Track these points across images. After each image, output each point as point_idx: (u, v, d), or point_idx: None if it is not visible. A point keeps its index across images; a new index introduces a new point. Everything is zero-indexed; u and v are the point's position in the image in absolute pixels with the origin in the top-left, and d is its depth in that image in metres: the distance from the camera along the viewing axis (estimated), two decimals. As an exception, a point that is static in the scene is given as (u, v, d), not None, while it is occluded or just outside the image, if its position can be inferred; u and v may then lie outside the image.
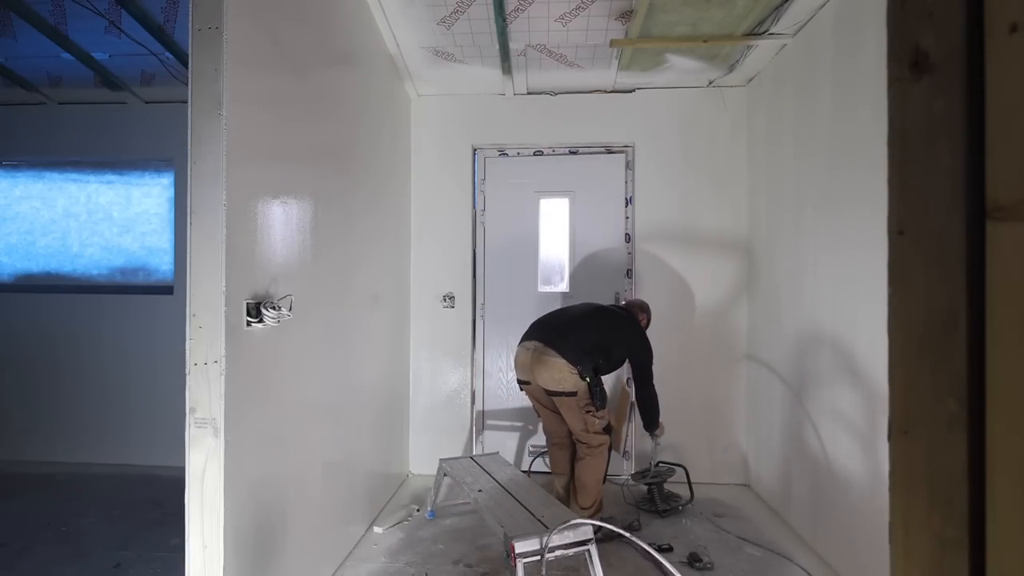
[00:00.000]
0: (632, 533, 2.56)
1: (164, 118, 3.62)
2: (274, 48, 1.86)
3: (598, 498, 2.73)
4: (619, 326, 2.81)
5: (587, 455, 2.68)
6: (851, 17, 2.30)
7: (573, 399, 2.59)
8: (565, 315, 2.86)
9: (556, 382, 2.57)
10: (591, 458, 2.68)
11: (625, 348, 2.77)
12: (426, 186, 3.66)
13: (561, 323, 2.77)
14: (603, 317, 2.82)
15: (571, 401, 2.60)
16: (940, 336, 0.48)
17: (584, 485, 2.70)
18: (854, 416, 2.27)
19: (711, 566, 2.43)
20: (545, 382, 2.60)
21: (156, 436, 3.62)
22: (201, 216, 1.56)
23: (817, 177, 2.57)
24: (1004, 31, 0.42)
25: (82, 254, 3.85)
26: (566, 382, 2.56)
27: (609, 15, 2.80)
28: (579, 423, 2.64)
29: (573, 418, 2.64)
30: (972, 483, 0.45)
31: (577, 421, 2.64)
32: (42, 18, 2.85)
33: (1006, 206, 0.42)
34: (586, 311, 2.85)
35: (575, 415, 2.63)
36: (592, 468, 2.69)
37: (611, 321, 2.82)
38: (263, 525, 1.78)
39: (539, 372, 2.61)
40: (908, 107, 0.52)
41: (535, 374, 2.63)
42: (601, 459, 2.69)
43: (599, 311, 2.86)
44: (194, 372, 1.56)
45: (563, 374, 2.56)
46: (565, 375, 2.56)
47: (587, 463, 2.69)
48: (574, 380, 2.56)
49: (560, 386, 2.57)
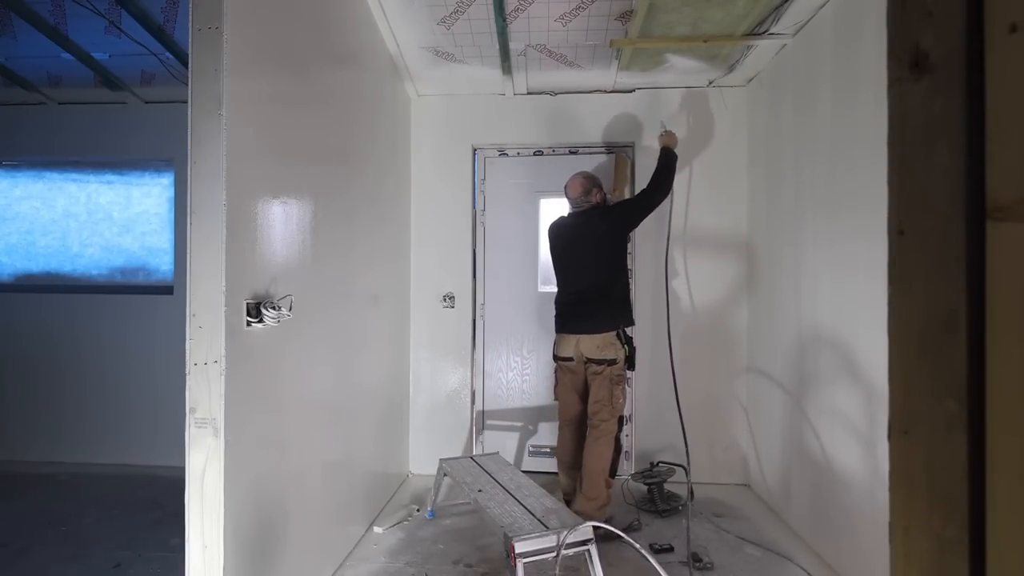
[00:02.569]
0: (632, 533, 2.59)
1: (164, 118, 3.62)
2: (274, 48, 1.86)
3: (606, 492, 2.74)
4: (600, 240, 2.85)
5: (596, 438, 2.74)
6: (851, 17, 2.30)
7: (612, 368, 2.76)
8: (580, 295, 2.89)
9: (600, 350, 2.77)
10: (596, 444, 2.73)
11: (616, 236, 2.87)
12: (426, 186, 3.66)
13: (582, 304, 2.86)
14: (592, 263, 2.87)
15: (609, 371, 2.76)
16: (940, 336, 0.48)
17: (590, 473, 2.72)
18: (854, 416, 2.27)
19: (711, 566, 2.43)
20: (590, 351, 2.79)
21: (156, 436, 3.62)
22: (201, 216, 1.56)
23: (817, 177, 2.57)
24: (1004, 31, 0.42)
25: (82, 254, 3.85)
26: (608, 350, 2.76)
27: (609, 15, 2.80)
28: (606, 392, 2.75)
29: (601, 388, 2.76)
30: (972, 483, 0.45)
31: (604, 391, 2.75)
32: (42, 18, 2.85)
33: (1006, 206, 0.42)
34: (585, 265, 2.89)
35: (605, 385, 2.76)
36: (598, 456, 2.72)
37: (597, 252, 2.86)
38: (263, 525, 1.78)
39: (585, 344, 2.81)
40: (908, 107, 0.52)
41: (580, 347, 2.83)
42: (608, 446, 2.75)
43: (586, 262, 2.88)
44: (194, 372, 1.56)
45: (608, 341, 2.77)
46: (610, 341, 2.77)
47: (593, 450, 2.73)
48: (616, 347, 2.77)
49: (603, 353, 2.77)
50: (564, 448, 2.96)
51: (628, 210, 2.92)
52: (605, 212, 2.92)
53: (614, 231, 2.87)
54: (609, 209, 2.94)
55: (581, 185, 2.94)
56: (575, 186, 2.95)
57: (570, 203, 3.00)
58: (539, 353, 3.66)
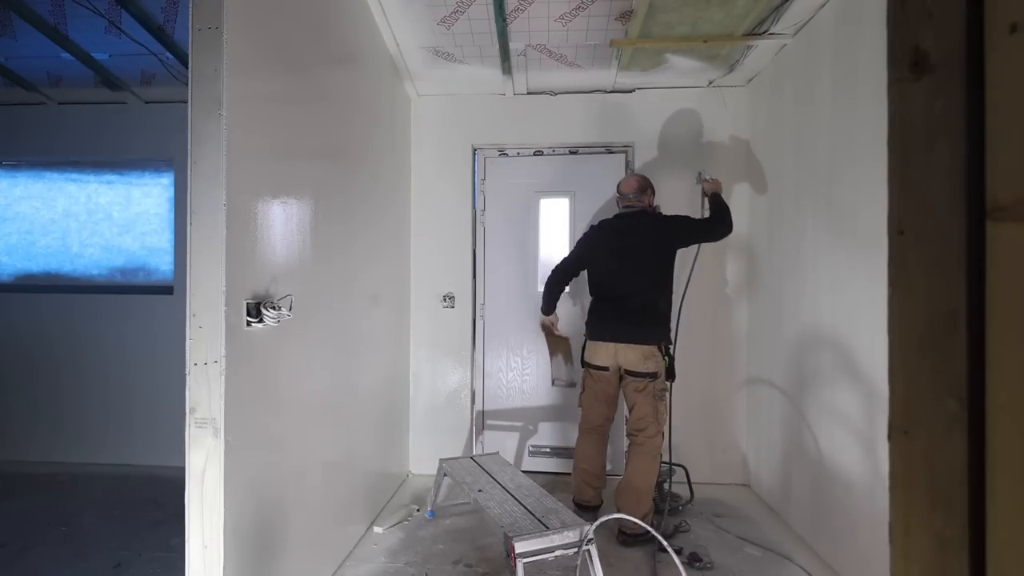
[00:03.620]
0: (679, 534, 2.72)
1: (164, 118, 3.62)
2: (274, 48, 1.86)
3: (650, 504, 2.67)
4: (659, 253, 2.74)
5: (641, 455, 2.65)
6: (851, 17, 2.30)
7: (655, 384, 2.67)
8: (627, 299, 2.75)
9: (641, 363, 2.67)
10: (643, 460, 2.63)
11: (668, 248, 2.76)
12: (426, 186, 3.66)
13: (628, 312, 2.72)
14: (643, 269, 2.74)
15: (652, 386, 2.66)
16: (940, 336, 0.48)
17: (637, 489, 2.62)
18: (854, 416, 2.27)
19: (711, 566, 2.43)
20: (631, 364, 2.69)
21: (156, 436, 3.62)
22: (201, 216, 1.56)
23: (817, 177, 2.57)
24: (1004, 31, 0.42)
25: (82, 254, 3.85)
26: (650, 363, 2.67)
27: (609, 15, 2.80)
28: (650, 408, 2.66)
29: (646, 404, 2.66)
30: (972, 483, 0.45)
31: (648, 406, 2.66)
32: (42, 18, 2.85)
33: (1006, 206, 0.42)
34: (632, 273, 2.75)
35: (649, 401, 2.66)
36: (643, 472, 2.63)
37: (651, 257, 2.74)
38: (263, 525, 1.78)
39: (624, 355, 2.70)
40: (908, 107, 0.52)
41: (619, 357, 2.72)
42: (655, 461, 2.65)
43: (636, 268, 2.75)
44: (194, 372, 1.56)
45: (650, 353, 2.67)
46: (652, 354, 2.68)
47: (639, 467, 2.64)
48: (658, 359, 2.68)
49: (646, 366, 2.67)
50: (585, 456, 2.85)
51: (687, 227, 2.77)
52: (661, 218, 2.81)
53: (669, 239, 2.75)
54: (666, 218, 2.82)
55: (637, 182, 2.85)
56: (630, 183, 2.87)
57: (621, 200, 2.89)
58: (539, 353, 3.66)
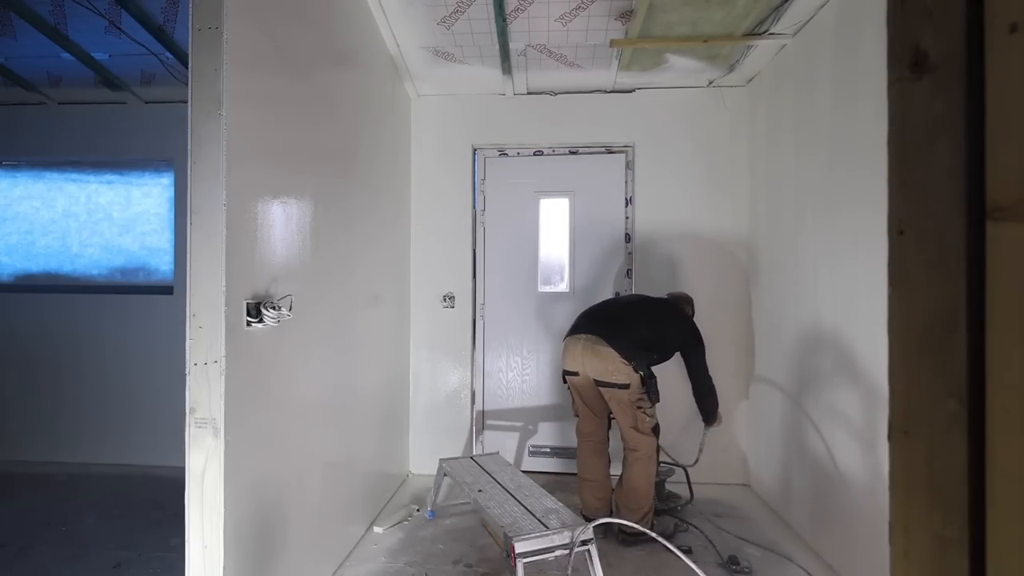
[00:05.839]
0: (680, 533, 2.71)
1: (164, 118, 3.62)
2: (274, 48, 1.86)
3: (649, 503, 2.61)
4: (669, 319, 2.77)
5: (635, 461, 2.59)
6: (851, 17, 2.30)
7: (625, 392, 2.55)
8: (615, 308, 2.81)
9: (609, 373, 2.55)
10: (638, 464, 2.58)
11: (678, 341, 2.74)
12: (426, 186, 3.66)
13: (612, 316, 2.73)
14: (652, 309, 2.79)
15: (623, 394, 2.55)
16: (940, 336, 0.48)
17: (635, 488, 2.58)
18: (854, 416, 2.27)
19: (748, 570, 2.38)
20: (598, 373, 2.57)
21: (156, 436, 3.62)
22: (201, 216, 1.56)
23: (817, 177, 2.57)
24: (1004, 31, 0.42)
25: (82, 254, 3.85)
26: (619, 374, 2.54)
27: (609, 15, 2.80)
28: (629, 419, 2.57)
29: (623, 413, 2.58)
30: (972, 483, 0.45)
31: (627, 417, 2.58)
32: (42, 18, 2.85)
33: (1006, 206, 0.42)
34: (635, 303, 2.84)
35: (626, 410, 2.57)
36: (643, 473, 2.58)
37: (662, 313, 2.78)
38: (263, 525, 1.78)
39: (591, 362, 2.59)
40: (908, 107, 0.52)
41: (586, 364, 2.61)
42: (650, 464, 2.59)
43: (647, 302, 2.84)
44: (194, 372, 1.56)
45: (616, 365, 2.54)
46: (618, 366, 2.54)
47: (636, 470, 2.59)
48: (627, 372, 2.54)
49: (612, 377, 2.55)
50: (584, 464, 2.81)
51: (694, 347, 2.76)
52: (689, 321, 2.83)
53: (679, 334, 2.75)
54: (693, 325, 2.82)
55: (683, 294, 3.00)
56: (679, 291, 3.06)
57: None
58: (539, 353, 3.66)
